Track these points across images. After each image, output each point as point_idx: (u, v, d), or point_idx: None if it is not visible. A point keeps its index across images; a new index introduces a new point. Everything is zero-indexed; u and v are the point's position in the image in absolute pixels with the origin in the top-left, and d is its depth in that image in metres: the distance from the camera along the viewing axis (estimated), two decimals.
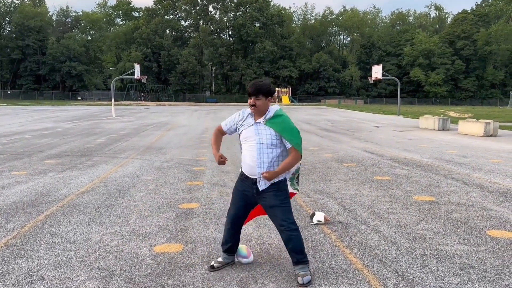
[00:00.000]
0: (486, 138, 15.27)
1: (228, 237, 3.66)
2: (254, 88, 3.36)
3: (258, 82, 3.41)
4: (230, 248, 3.68)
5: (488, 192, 6.52)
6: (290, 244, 3.38)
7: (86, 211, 5.41)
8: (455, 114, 32.36)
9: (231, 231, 3.65)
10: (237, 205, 3.61)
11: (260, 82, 3.42)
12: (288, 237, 3.37)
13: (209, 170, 8.35)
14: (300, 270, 3.38)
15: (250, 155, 3.41)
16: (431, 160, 9.81)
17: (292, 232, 3.37)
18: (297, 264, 3.41)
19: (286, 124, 3.42)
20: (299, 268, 3.39)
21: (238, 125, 3.54)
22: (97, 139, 14.06)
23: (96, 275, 3.48)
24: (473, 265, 3.70)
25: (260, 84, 3.39)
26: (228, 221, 3.66)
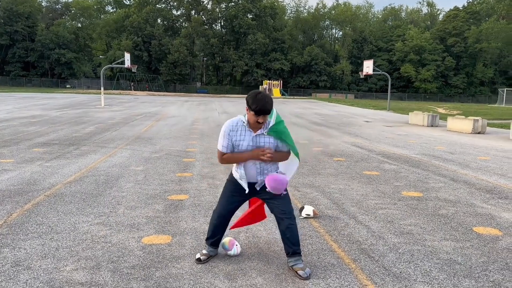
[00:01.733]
0: (474, 135, 15.44)
1: (214, 232, 3.65)
2: (266, 108, 3.18)
3: (267, 101, 3.19)
4: (215, 242, 3.68)
5: (475, 189, 6.60)
6: (288, 233, 3.39)
7: (74, 200, 5.36)
8: (444, 111, 32.65)
9: (219, 227, 3.64)
10: (228, 203, 3.59)
11: (268, 101, 3.20)
12: (287, 226, 3.39)
13: (199, 162, 8.33)
14: (296, 262, 3.40)
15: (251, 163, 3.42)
16: (419, 156, 9.89)
17: (292, 221, 3.40)
18: (292, 255, 3.43)
19: (286, 130, 3.42)
20: (294, 260, 3.41)
21: (233, 138, 3.38)
22: (85, 128, 13.92)
23: (83, 265, 3.46)
24: (459, 261, 3.75)
25: (269, 103, 3.20)
26: (215, 217, 3.63)
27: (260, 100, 3.18)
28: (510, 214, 5.25)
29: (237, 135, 3.36)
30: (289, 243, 3.42)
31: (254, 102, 3.18)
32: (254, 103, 3.18)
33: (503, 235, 4.47)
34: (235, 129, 3.36)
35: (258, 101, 3.18)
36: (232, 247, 3.74)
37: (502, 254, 3.95)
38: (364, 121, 21.30)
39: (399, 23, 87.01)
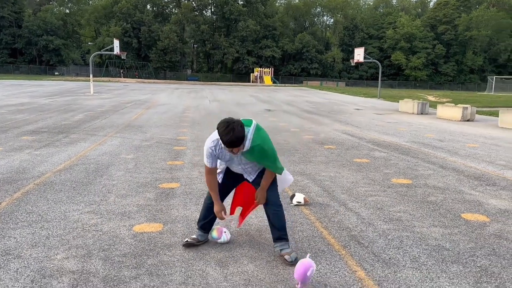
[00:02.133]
0: (464, 122, 15.58)
1: (206, 214, 3.68)
2: (236, 142, 3.13)
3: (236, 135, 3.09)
4: (206, 225, 3.71)
5: (464, 176, 6.69)
6: (274, 219, 3.49)
7: (64, 189, 5.33)
8: (434, 98, 32.86)
9: (210, 210, 3.67)
10: (222, 186, 3.65)
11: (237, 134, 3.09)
12: (273, 212, 3.48)
13: (190, 150, 8.31)
14: (282, 247, 3.46)
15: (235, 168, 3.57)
16: (409, 143, 9.97)
17: (277, 207, 3.50)
18: (278, 240, 3.49)
19: (263, 153, 3.34)
20: (280, 245, 3.47)
21: (217, 155, 3.43)
22: (74, 116, 13.78)
23: (74, 254, 3.45)
24: (447, 247, 3.81)
25: (239, 135, 3.11)
26: (208, 201, 3.69)
27: (228, 133, 3.09)
28: (498, 201, 5.33)
29: (219, 153, 3.40)
30: (275, 229, 3.50)
31: (223, 135, 3.11)
32: (223, 136, 3.11)
33: (491, 222, 4.54)
34: (216, 149, 3.38)
35: (227, 135, 3.09)
36: (221, 235, 3.75)
37: (490, 240, 4.02)
38: (354, 109, 21.36)
39: (390, 10, 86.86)
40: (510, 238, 4.08)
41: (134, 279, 3.05)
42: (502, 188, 5.98)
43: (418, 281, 3.15)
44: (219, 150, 3.39)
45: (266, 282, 3.08)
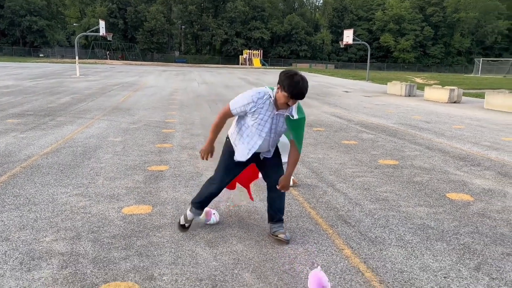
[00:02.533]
0: (450, 104, 15.74)
1: (207, 200, 3.53)
2: (303, 94, 2.99)
3: (305, 87, 3.00)
4: (204, 206, 3.60)
5: (449, 157, 6.79)
6: (278, 201, 3.47)
7: (51, 172, 5.29)
8: (422, 81, 33.03)
9: (214, 195, 3.51)
10: (228, 174, 3.47)
11: (306, 86, 3.01)
12: (280, 194, 3.46)
13: (179, 133, 8.28)
14: (279, 228, 3.47)
15: (260, 138, 3.24)
16: (396, 125, 10.06)
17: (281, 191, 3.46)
18: (277, 222, 3.50)
19: (302, 126, 3.27)
20: (278, 226, 3.48)
21: (251, 110, 3.16)
22: (61, 99, 13.58)
23: (63, 236, 3.45)
24: (432, 226, 3.90)
25: (307, 88, 3.02)
26: (214, 188, 3.47)
27: (298, 84, 2.96)
28: (482, 181, 5.44)
29: (257, 107, 3.14)
30: (276, 210, 3.48)
31: (292, 85, 2.95)
32: (291, 86, 2.95)
33: (474, 201, 4.64)
34: (259, 102, 3.13)
35: (296, 85, 2.95)
36: (210, 216, 3.77)
37: (473, 218, 4.11)
38: (343, 91, 21.40)
39: None
40: (493, 216, 4.18)
41: (123, 260, 3.07)
42: (486, 168, 6.10)
43: (403, 259, 3.22)
44: (261, 105, 3.14)
45: (255, 261, 3.12)
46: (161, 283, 2.77)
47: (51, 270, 2.90)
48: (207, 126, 9.11)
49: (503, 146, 7.77)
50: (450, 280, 2.92)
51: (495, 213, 4.28)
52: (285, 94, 2.99)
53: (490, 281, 2.92)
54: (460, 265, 3.14)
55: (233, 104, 3.22)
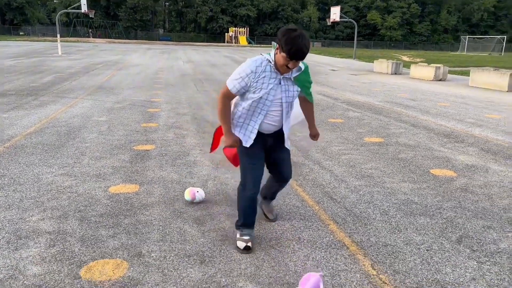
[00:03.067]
0: (436, 82, 15.86)
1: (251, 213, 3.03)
2: (303, 52, 2.58)
3: (305, 44, 2.57)
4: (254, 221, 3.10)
5: (434, 134, 6.89)
6: (280, 189, 3.37)
7: (36, 152, 5.23)
8: (408, 59, 33.13)
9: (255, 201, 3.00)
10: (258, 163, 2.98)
11: (306, 43, 2.58)
12: (281, 185, 3.31)
13: (164, 112, 8.21)
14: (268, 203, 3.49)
15: (271, 115, 2.86)
16: (382, 103, 10.13)
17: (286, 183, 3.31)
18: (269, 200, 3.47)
19: (309, 74, 2.97)
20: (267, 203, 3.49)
21: (252, 82, 2.75)
22: (43, 78, 13.31)
23: (49, 215, 3.44)
24: (416, 201, 3.98)
25: (307, 45, 2.60)
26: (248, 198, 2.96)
27: (296, 40, 2.54)
28: (465, 157, 5.55)
29: (260, 77, 2.74)
30: (273, 194, 3.42)
31: (289, 43, 2.54)
32: (289, 43, 2.54)
33: (458, 176, 4.74)
34: (258, 71, 2.73)
35: (294, 41, 2.54)
36: (194, 196, 3.76)
37: (456, 193, 4.21)
38: (330, 69, 21.37)
39: None
40: (475, 191, 4.28)
41: (111, 238, 3.08)
42: (469, 145, 6.21)
43: (387, 233, 3.30)
44: (262, 74, 2.74)
45: None
46: (150, 260, 2.80)
47: (38, 249, 2.90)
48: (194, 105, 9.06)
49: (487, 123, 7.90)
50: (432, 253, 3.00)
51: (478, 188, 4.38)
52: (284, 54, 2.60)
53: (471, 253, 3.01)
54: (443, 239, 3.23)
55: (230, 83, 2.79)
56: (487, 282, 2.66)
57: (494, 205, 3.92)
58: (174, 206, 3.71)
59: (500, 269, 2.81)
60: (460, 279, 2.67)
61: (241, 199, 3.01)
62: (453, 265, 2.85)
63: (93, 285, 2.50)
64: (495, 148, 6.04)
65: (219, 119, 2.90)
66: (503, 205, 3.93)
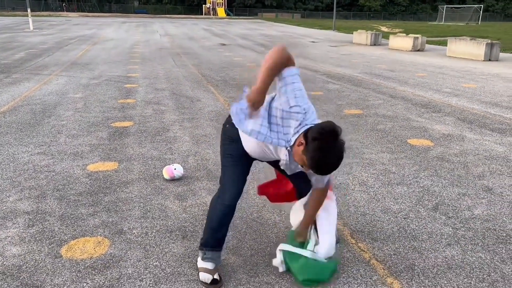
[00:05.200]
0: (414, 52, 15.95)
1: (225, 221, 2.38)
2: (327, 173, 2.10)
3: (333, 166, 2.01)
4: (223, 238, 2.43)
5: (412, 104, 6.97)
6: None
7: (10, 131, 5.09)
8: (387, 29, 33.12)
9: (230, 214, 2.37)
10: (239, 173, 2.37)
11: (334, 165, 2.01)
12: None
13: (142, 88, 8.06)
14: None
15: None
16: (361, 74, 10.16)
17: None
18: None
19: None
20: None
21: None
22: (15, 54, 12.85)
23: (27, 195, 3.38)
24: (393, 171, 4.06)
25: (336, 164, 2.01)
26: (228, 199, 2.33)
27: (327, 155, 1.96)
28: (442, 126, 5.65)
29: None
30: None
31: (315, 161, 1.96)
32: (315, 163, 1.97)
33: (434, 146, 4.83)
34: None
35: (321, 164, 1.97)
36: (172, 173, 3.73)
37: (432, 162, 4.30)
38: (310, 41, 21.23)
39: None
40: (451, 160, 4.38)
41: (91, 216, 3.06)
42: (446, 114, 6.31)
43: (366, 202, 3.36)
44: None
45: None
46: (131, 237, 2.80)
47: (17, 229, 2.86)
48: (172, 80, 8.91)
49: (463, 93, 8.02)
50: (409, 221, 3.08)
51: (453, 156, 4.49)
52: (305, 161, 2.00)
53: (446, 220, 3.11)
54: (419, 207, 3.31)
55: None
56: (461, 247, 2.75)
57: (469, 173, 4.02)
58: (154, 183, 3.69)
59: (474, 234, 2.91)
60: (436, 246, 2.76)
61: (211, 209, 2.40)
62: (429, 232, 2.93)
63: (74, 263, 2.50)
64: (471, 117, 6.17)
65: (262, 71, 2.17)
66: (477, 172, 4.05)
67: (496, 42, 13.85)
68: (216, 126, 5.48)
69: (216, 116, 5.97)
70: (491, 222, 3.09)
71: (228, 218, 2.38)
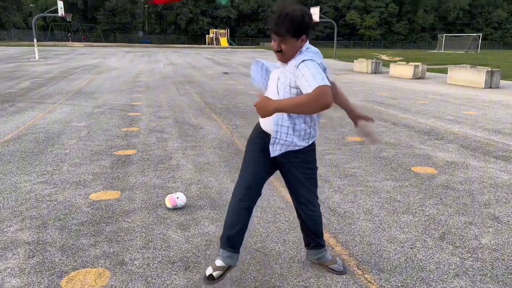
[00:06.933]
0: (415, 80, 16.08)
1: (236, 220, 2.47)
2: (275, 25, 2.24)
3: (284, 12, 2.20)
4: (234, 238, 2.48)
5: (414, 132, 6.97)
6: (310, 224, 2.67)
7: (13, 160, 5.10)
8: (387, 57, 33.54)
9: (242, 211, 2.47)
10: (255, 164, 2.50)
11: (288, 12, 2.20)
12: (309, 216, 2.64)
13: (146, 116, 8.11)
14: (320, 255, 2.74)
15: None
16: (363, 102, 10.22)
17: (315, 212, 2.65)
18: (314, 248, 2.75)
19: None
20: (318, 253, 2.75)
21: None
22: (20, 83, 13.02)
23: (28, 225, 3.35)
24: (398, 199, 4.01)
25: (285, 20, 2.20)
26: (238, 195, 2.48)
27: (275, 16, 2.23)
28: (445, 154, 5.63)
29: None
30: (310, 234, 2.72)
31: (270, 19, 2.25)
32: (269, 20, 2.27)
33: (438, 173, 4.80)
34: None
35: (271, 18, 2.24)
36: (174, 203, 3.70)
37: (437, 190, 4.26)
38: None
39: None
40: (456, 187, 4.34)
41: (93, 247, 3.01)
42: (449, 142, 6.30)
43: (371, 232, 3.31)
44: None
45: None
46: (133, 268, 2.75)
47: (17, 260, 2.82)
48: (175, 108, 8.98)
49: (465, 120, 8.03)
50: (416, 250, 3.02)
51: (458, 184, 4.45)
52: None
53: (453, 249, 3.05)
54: (426, 236, 3.26)
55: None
56: (470, 278, 2.69)
57: (475, 201, 3.98)
58: (156, 212, 3.66)
59: (482, 264, 2.85)
60: (444, 276, 2.70)
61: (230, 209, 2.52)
62: (437, 262, 2.87)
63: None
64: (474, 145, 6.15)
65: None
66: (483, 200, 4.00)
67: (496, 70, 13.97)
68: (219, 153, 5.48)
69: (219, 144, 5.97)
70: (499, 251, 3.03)
71: (240, 218, 2.47)
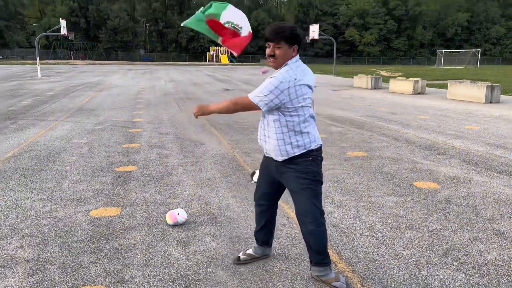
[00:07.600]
0: (415, 95, 16.14)
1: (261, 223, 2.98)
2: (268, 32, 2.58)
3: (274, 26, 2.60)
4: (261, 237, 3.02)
5: (415, 147, 6.96)
6: (311, 240, 2.70)
7: (14, 177, 5.08)
8: (387, 73, 33.74)
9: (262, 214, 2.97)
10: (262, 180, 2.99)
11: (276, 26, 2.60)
12: (309, 232, 2.68)
13: (147, 132, 8.12)
14: (323, 273, 2.72)
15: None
16: (364, 117, 10.23)
17: (313, 226, 2.66)
18: (317, 265, 2.74)
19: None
20: (320, 270, 2.72)
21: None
22: (22, 101, 13.09)
23: (28, 242, 3.32)
24: (401, 214, 3.98)
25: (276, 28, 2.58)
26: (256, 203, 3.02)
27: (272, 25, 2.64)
28: (447, 168, 5.60)
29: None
30: (312, 251, 2.73)
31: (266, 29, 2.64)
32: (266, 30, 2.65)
33: (441, 188, 4.77)
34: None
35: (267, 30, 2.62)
36: (175, 219, 3.67)
37: (440, 205, 4.22)
38: None
39: None
40: (459, 203, 4.31)
41: (93, 264, 2.98)
42: (451, 156, 6.28)
43: (375, 248, 3.27)
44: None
45: (229, 258, 3.09)
46: (133, 286, 2.71)
47: (16, 278, 2.78)
48: (176, 124, 8.99)
49: (467, 135, 8.03)
50: (420, 267, 2.98)
51: (461, 199, 4.41)
52: None
53: (458, 266, 3.00)
54: (430, 252, 3.22)
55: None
56: None
57: (479, 216, 3.94)
58: (157, 228, 3.62)
59: (488, 281, 2.81)
60: None
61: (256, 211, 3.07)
62: (442, 278, 2.83)
63: None
64: (477, 159, 6.13)
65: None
66: (487, 216, 3.96)
67: (496, 85, 14.03)
68: (220, 169, 5.46)
69: (220, 159, 5.96)
70: (504, 267, 2.98)
71: (261, 219, 2.97)
